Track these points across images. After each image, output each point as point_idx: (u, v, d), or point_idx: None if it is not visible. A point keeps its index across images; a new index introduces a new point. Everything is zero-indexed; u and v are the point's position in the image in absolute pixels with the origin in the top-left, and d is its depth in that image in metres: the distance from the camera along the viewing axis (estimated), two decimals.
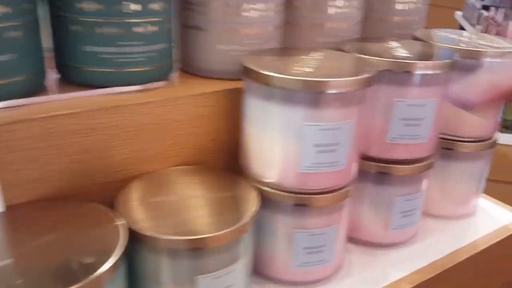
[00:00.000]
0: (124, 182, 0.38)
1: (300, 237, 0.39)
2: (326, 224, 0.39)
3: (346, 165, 0.37)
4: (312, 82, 0.34)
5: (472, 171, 0.53)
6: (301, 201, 0.38)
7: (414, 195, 0.46)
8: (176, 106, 0.40)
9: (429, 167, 0.45)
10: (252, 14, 0.42)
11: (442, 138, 0.50)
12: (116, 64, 0.37)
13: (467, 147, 0.50)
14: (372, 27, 0.54)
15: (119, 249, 0.30)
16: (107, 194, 0.37)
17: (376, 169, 0.44)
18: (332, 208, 0.39)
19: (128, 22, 0.36)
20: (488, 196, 0.59)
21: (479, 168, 0.53)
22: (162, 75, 0.41)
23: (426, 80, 0.40)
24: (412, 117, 0.41)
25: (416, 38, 0.50)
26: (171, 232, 0.32)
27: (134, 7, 0.36)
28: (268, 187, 0.38)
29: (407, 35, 0.52)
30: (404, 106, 0.41)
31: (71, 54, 0.37)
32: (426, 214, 0.53)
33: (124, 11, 0.36)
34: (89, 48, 0.36)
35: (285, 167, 0.37)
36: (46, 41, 0.39)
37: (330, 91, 0.34)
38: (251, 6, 0.41)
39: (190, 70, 0.45)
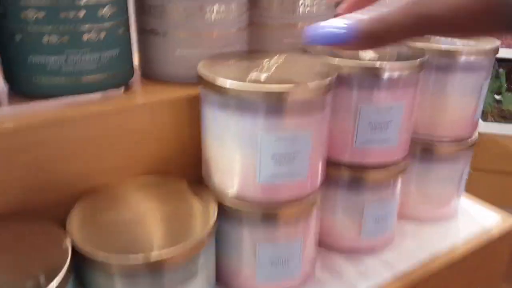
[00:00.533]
0: (81, 196, 0.37)
1: (264, 250, 0.38)
2: (290, 236, 0.38)
3: (308, 174, 0.36)
4: (266, 91, 0.32)
5: (452, 172, 0.51)
6: (262, 213, 0.36)
7: (387, 200, 0.44)
8: (133, 115, 0.38)
9: (400, 171, 0.43)
10: (212, 16, 0.40)
11: (419, 139, 0.48)
12: (66, 73, 0.35)
13: (446, 148, 0.49)
14: None
15: (63, 273, 0.29)
16: (64, 210, 0.35)
17: (346, 175, 0.42)
18: (296, 219, 0.37)
19: (74, 30, 0.34)
20: (471, 196, 0.57)
21: (459, 169, 0.51)
22: (118, 83, 0.39)
23: (392, 83, 0.38)
24: (379, 121, 0.39)
25: None
26: (122, 253, 0.31)
27: (79, 14, 0.34)
28: (229, 199, 0.37)
29: None
30: (370, 110, 0.39)
31: (17, 64, 0.36)
32: (405, 217, 0.52)
33: (69, 18, 0.34)
34: (35, 58, 0.35)
35: (244, 178, 0.35)
36: None
37: (285, 100, 0.32)
38: (211, 7, 0.40)
39: (151, 76, 0.43)
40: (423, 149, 0.49)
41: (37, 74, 0.35)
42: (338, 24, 0.23)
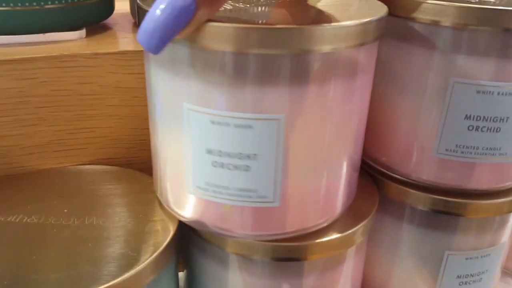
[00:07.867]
0: None
1: None
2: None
3: None
4: None
5: None
6: None
7: (482, 251, 0.27)
8: (79, 70, 0.25)
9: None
10: None
11: None
12: None
13: None
14: None
15: None
16: None
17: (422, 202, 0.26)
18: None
19: None
20: None
21: None
22: (71, 23, 0.26)
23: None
24: (485, 117, 0.22)
25: None
26: None
27: None
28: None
29: None
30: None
31: None
32: None
33: None
34: None
35: None
36: None
37: None
38: None
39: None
40: None
41: None
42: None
